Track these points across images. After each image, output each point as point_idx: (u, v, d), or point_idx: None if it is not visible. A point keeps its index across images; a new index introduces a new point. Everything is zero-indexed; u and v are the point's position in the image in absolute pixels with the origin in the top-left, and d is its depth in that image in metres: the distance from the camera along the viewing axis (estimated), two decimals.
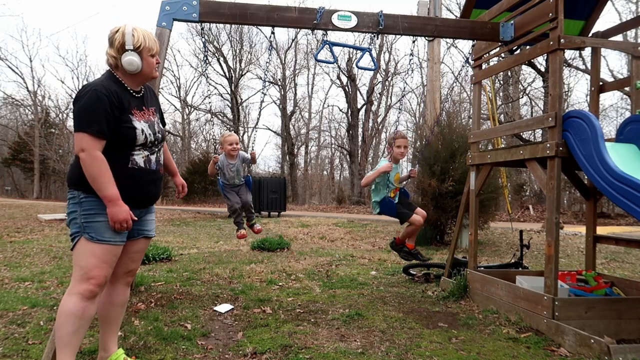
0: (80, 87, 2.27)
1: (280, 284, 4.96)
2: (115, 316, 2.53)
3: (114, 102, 2.21)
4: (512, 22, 3.96)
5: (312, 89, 37.53)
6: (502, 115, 19.57)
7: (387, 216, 4.56)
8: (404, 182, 4.66)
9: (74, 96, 2.17)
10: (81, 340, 2.30)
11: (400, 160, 4.60)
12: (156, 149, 2.45)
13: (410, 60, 4.06)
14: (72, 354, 2.22)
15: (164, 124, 2.65)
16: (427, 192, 8.47)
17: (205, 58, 4.42)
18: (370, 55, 3.92)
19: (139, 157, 2.34)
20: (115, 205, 2.17)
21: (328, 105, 42.26)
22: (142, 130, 2.32)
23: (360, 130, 30.53)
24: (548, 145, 3.42)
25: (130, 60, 2.28)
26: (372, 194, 4.54)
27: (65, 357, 2.20)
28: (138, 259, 2.59)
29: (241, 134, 35.24)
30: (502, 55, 4.70)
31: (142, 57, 2.32)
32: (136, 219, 2.25)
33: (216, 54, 32.60)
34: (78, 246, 2.23)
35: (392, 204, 4.41)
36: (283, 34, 45.58)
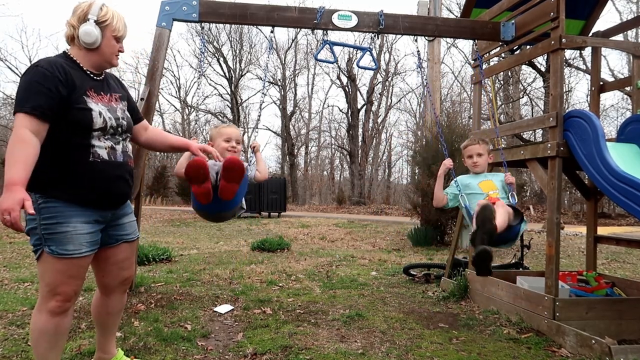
0: None
1: (280, 284, 4.95)
2: (112, 324, 2.44)
3: (60, 77, 1.93)
4: (512, 21, 3.95)
5: (312, 89, 37.54)
6: (503, 115, 19.56)
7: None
8: (510, 195, 3.26)
9: None
10: (61, 352, 2.19)
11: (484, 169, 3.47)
12: (121, 138, 2.16)
13: (419, 59, 3.69)
14: None
15: (136, 117, 2.35)
16: (427, 192, 8.46)
17: (202, 57, 4.39)
18: (371, 55, 3.91)
19: (101, 149, 2.04)
20: (8, 190, 1.78)
21: (328, 106, 42.27)
22: (100, 113, 2.03)
23: (360, 130, 30.54)
24: (549, 145, 3.42)
25: (89, 30, 2.03)
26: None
27: None
28: (129, 266, 2.36)
29: (241, 134, 35.20)
30: (503, 55, 4.69)
31: (103, 34, 2.07)
32: (33, 212, 1.85)
33: (216, 54, 32.61)
34: (41, 260, 1.99)
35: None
36: (283, 34, 45.65)
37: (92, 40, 2.04)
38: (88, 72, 2.11)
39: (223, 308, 3.89)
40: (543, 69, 16.08)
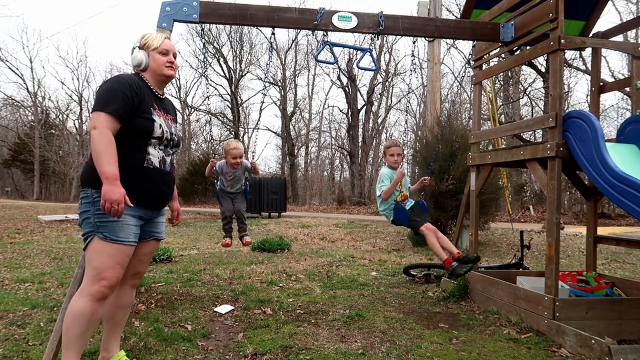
0: (99, 87, 2.33)
1: (280, 284, 4.95)
2: (120, 318, 2.54)
3: (135, 89, 2.27)
4: (512, 22, 3.96)
5: (312, 89, 37.55)
6: (503, 115, 19.57)
7: (401, 225, 4.25)
8: (421, 193, 4.27)
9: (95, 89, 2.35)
10: (88, 342, 2.30)
11: (401, 165, 4.29)
12: (171, 151, 2.48)
13: (412, 61, 4.02)
14: (78, 355, 2.22)
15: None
16: (426, 191, 8.47)
17: (204, 59, 4.42)
18: (371, 55, 3.92)
19: (155, 158, 2.35)
20: (111, 183, 2.08)
21: (328, 106, 42.08)
22: (160, 125, 2.35)
23: (360, 130, 30.54)
24: (548, 145, 3.42)
25: (133, 55, 2.42)
26: (379, 204, 4.26)
27: (70, 356, 2.20)
28: (147, 261, 2.60)
29: (241, 135, 35.26)
30: (503, 55, 4.69)
31: (148, 54, 2.42)
32: (131, 205, 2.16)
33: (216, 55, 32.62)
34: (91, 246, 2.22)
35: (403, 210, 4.09)
36: (283, 35, 45.64)
37: (137, 62, 2.42)
38: (154, 90, 2.46)
39: (223, 308, 3.90)
40: (543, 70, 16.09)
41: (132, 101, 2.24)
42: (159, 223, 2.56)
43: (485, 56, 4.53)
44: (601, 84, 4.43)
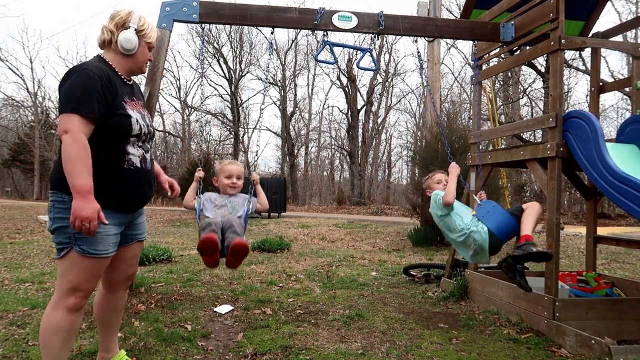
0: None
1: (280, 285, 4.95)
2: (115, 320, 2.49)
3: (106, 83, 2.03)
4: (512, 22, 3.96)
5: (312, 90, 37.54)
6: (503, 116, 19.57)
7: (498, 246, 3.25)
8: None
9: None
10: (70, 352, 2.20)
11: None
12: (149, 146, 2.29)
13: (419, 60, 3.89)
14: None
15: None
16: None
17: (203, 59, 4.40)
18: (371, 55, 3.92)
19: (135, 157, 2.16)
20: (83, 198, 1.86)
21: (328, 107, 42.14)
22: (137, 120, 2.15)
23: (360, 131, 30.55)
24: (549, 146, 3.42)
25: (130, 37, 2.16)
26: (446, 228, 3.38)
27: None
28: (135, 264, 2.48)
29: (241, 135, 35.26)
30: (503, 56, 4.69)
31: (140, 43, 2.22)
32: (107, 222, 1.97)
33: (216, 55, 32.63)
34: (67, 258, 2.04)
35: (492, 204, 3.28)
36: (283, 35, 45.62)
37: (132, 47, 2.17)
38: (122, 77, 2.21)
39: (223, 308, 3.90)
40: (543, 70, 16.09)
41: (105, 99, 2.01)
42: (140, 224, 2.39)
43: (485, 56, 4.53)
44: (601, 84, 4.43)
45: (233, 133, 34.37)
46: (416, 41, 4.04)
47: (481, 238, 3.17)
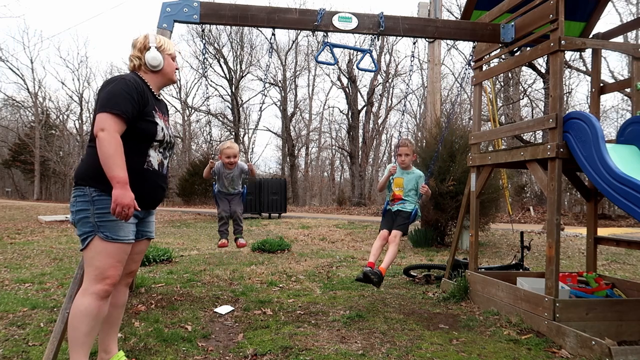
0: (105, 83, 2.34)
1: (280, 285, 4.95)
2: (116, 317, 2.54)
3: (140, 92, 2.28)
4: (512, 23, 3.96)
5: (312, 90, 37.58)
6: (503, 116, 19.57)
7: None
8: (417, 200, 4.39)
9: (100, 85, 2.30)
10: (94, 340, 2.31)
11: (411, 167, 4.41)
12: (168, 154, 2.52)
13: (411, 61, 4.03)
14: (86, 354, 2.24)
15: None
16: (422, 199, 8.45)
17: (204, 59, 4.45)
18: (371, 56, 3.92)
19: (154, 160, 2.39)
20: (122, 187, 2.10)
21: (328, 107, 42.29)
22: (162, 128, 2.39)
23: (360, 131, 30.54)
24: (549, 146, 3.42)
25: (154, 55, 2.42)
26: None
27: (79, 357, 2.21)
28: (139, 260, 2.62)
29: (241, 136, 35.26)
30: (503, 56, 4.69)
31: (163, 57, 2.47)
32: (139, 209, 2.22)
33: (217, 56, 32.64)
34: (92, 246, 2.22)
35: (384, 209, 4.38)
36: (283, 36, 45.63)
37: (158, 63, 2.44)
38: (153, 92, 2.48)
39: (223, 309, 3.90)
40: (543, 71, 16.10)
41: (138, 104, 2.26)
42: (150, 223, 2.60)
43: (485, 57, 4.53)
44: (601, 85, 4.44)
45: (233, 133, 34.37)
46: (415, 42, 4.04)
47: None
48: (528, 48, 4.19)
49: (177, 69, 2.60)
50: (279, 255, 7.34)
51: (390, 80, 32.05)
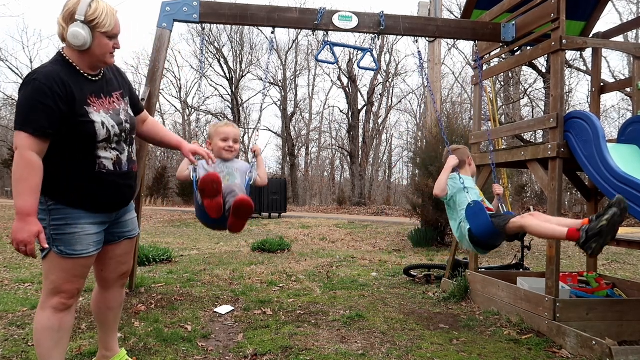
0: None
1: (280, 285, 4.95)
2: (113, 319, 2.47)
3: (59, 93, 1.88)
4: (513, 22, 3.95)
5: (312, 90, 37.54)
6: (503, 116, 19.56)
7: (482, 245, 3.12)
8: (500, 205, 3.50)
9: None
10: (66, 350, 2.20)
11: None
12: (126, 145, 2.15)
13: (420, 60, 3.76)
14: None
15: (137, 109, 2.31)
16: (425, 192, 8.46)
17: (202, 58, 4.41)
18: (372, 55, 3.91)
19: (107, 160, 2.06)
20: (21, 220, 1.83)
21: (329, 107, 42.27)
22: (103, 124, 2.01)
23: (361, 131, 30.54)
24: (549, 146, 3.42)
25: (76, 32, 1.91)
26: (449, 217, 3.34)
27: None
28: (128, 260, 2.40)
29: (242, 135, 35.23)
30: (503, 56, 4.68)
31: (93, 34, 1.95)
32: (46, 245, 1.94)
33: (217, 55, 32.64)
34: (48, 258, 2.02)
35: (480, 206, 3.01)
36: (284, 35, 45.60)
37: (81, 43, 1.94)
38: (85, 74, 2.04)
39: (223, 309, 3.89)
40: (544, 70, 16.09)
41: (58, 110, 1.88)
42: (127, 222, 2.31)
43: (486, 56, 4.53)
44: (602, 84, 4.43)
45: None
46: (416, 41, 4.03)
47: (461, 234, 3.17)
48: (529, 47, 4.18)
49: (115, 48, 2.05)
50: (279, 255, 7.33)
51: (390, 80, 32.06)
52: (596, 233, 2.35)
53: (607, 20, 36.34)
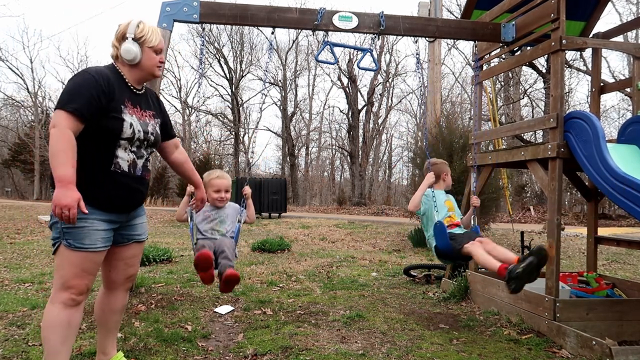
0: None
1: (280, 285, 4.95)
2: (115, 322, 2.49)
3: (103, 87, 2.08)
4: (513, 22, 3.96)
5: (312, 90, 37.58)
6: (503, 116, 19.56)
7: (449, 259, 3.51)
8: (472, 219, 3.69)
9: None
10: (72, 347, 2.22)
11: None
12: (145, 153, 2.30)
13: (417, 60, 3.91)
14: None
15: (169, 135, 2.52)
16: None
17: (202, 58, 4.44)
18: (372, 55, 3.91)
19: (123, 161, 2.17)
20: (63, 186, 1.91)
21: (329, 107, 42.37)
22: (131, 124, 2.17)
23: (361, 131, 30.56)
24: (549, 146, 3.42)
25: (128, 48, 2.20)
26: (423, 228, 3.63)
27: None
28: (135, 264, 2.48)
29: (242, 135, 35.27)
30: (503, 56, 4.69)
31: (142, 50, 2.25)
32: (86, 211, 1.99)
33: (217, 55, 32.64)
34: (59, 253, 2.11)
35: (441, 233, 3.28)
36: (284, 35, 45.64)
37: (132, 57, 2.21)
38: (130, 85, 2.27)
39: (223, 309, 3.89)
40: (544, 70, 16.09)
41: (98, 101, 2.05)
42: (137, 225, 2.40)
43: (486, 56, 4.53)
44: (602, 84, 4.43)
45: (233, 133, 34.38)
46: (416, 41, 4.03)
47: (430, 245, 3.49)
48: (528, 47, 4.18)
49: (162, 62, 2.34)
50: (279, 255, 7.33)
51: (390, 80, 32.07)
52: (514, 277, 2.75)
53: (607, 20, 36.39)
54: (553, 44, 3.46)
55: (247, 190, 3.09)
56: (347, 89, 30.34)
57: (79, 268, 2.10)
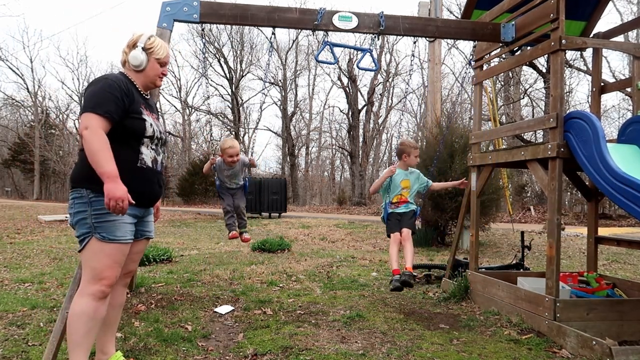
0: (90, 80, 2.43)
1: (280, 285, 4.95)
2: (114, 318, 2.54)
3: (124, 90, 2.28)
4: (513, 22, 3.95)
5: (312, 90, 37.56)
6: (504, 116, 19.56)
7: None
8: (419, 200, 4.27)
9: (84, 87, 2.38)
10: (93, 341, 2.31)
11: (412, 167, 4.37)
12: (161, 150, 2.53)
13: (412, 61, 4.02)
14: (86, 355, 2.24)
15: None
16: (424, 193, 8.46)
17: (202, 58, 4.46)
18: (371, 55, 3.91)
19: (147, 157, 2.38)
20: (113, 181, 2.10)
21: (329, 106, 42.36)
22: (151, 124, 2.39)
23: (361, 131, 30.54)
24: (549, 146, 3.41)
25: (136, 55, 2.41)
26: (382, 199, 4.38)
27: (78, 357, 2.21)
28: (137, 260, 2.63)
29: (242, 135, 35.26)
30: (503, 56, 4.68)
31: (149, 59, 2.45)
32: (134, 202, 2.20)
33: (217, 55, 32.63)
34: (89, 247, 2.23)
35: (387, 214, 4.22)
36: (284, 35, 45.61)
37: (138, 63, 2.42)
38: (140, 91, 2.48)
39: (223, 309, 3.89)
40: (544, 70, 16.09)
41: (123, 103, 2.25)
42: (149, 222, 2.59)
43: (486, 56, 4.52)
44: (602, 84, 4.42)
45: (233, 133, 34.37)
46: (416, 42, 4.04)
47: (382, 216, 4.39)
48: (528, 47, 4.18)
49: (163, 74, 2.57)
50: (279, 254, 7.33)
51: (390, 80, 32.05)
52: (399, 281, 3.79)
53: (607, 20, 36.33)
54: (553, 43, 3.46)
55: (254, 161, 4.54)
56: (347, 88, 30.32)
57: (111, 259, 2.25)
